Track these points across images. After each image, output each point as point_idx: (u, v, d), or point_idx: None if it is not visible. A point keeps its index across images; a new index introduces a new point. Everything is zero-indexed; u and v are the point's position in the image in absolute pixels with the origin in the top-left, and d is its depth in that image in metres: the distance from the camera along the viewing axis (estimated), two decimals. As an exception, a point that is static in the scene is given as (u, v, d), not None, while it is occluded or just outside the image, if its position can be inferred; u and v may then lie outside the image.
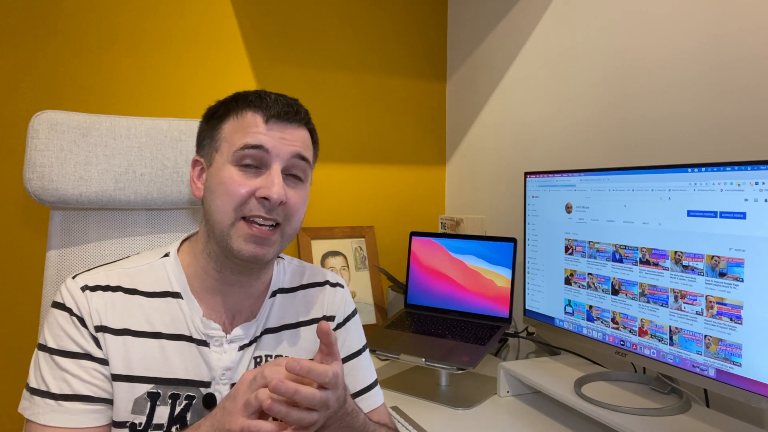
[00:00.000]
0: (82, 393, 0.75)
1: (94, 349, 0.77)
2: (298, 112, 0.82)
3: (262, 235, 0.77)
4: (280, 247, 0.81)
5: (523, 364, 1.28)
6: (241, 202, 0.77)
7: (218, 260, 0.82)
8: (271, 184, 0.76)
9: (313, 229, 1.84)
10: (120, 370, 0.77)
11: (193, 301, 0.83)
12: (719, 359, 0.91)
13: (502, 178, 1.78)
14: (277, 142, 0.79)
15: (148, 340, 0.79)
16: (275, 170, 0.78)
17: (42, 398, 0.75)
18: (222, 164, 0.79)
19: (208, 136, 0.84)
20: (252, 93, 0.83)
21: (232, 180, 0.77)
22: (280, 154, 0.79)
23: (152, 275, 0.83)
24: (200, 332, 0.81)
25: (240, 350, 0.83)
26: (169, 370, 0.79)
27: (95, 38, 1.56)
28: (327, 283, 0.97)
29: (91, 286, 0.79)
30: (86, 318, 0.77)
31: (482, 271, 1.47)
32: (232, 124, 0.81)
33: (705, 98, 1.13)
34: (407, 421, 1.15)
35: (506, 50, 1.73)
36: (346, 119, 1.91)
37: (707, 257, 0.93)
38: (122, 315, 0.79)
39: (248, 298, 0.87)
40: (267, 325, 0.88)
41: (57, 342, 0.76)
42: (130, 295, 0.81)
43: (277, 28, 1.79)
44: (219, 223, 0.78)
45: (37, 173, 0.97)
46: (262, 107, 0.80)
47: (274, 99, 0.81)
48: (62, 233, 1.03)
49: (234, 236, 0.77)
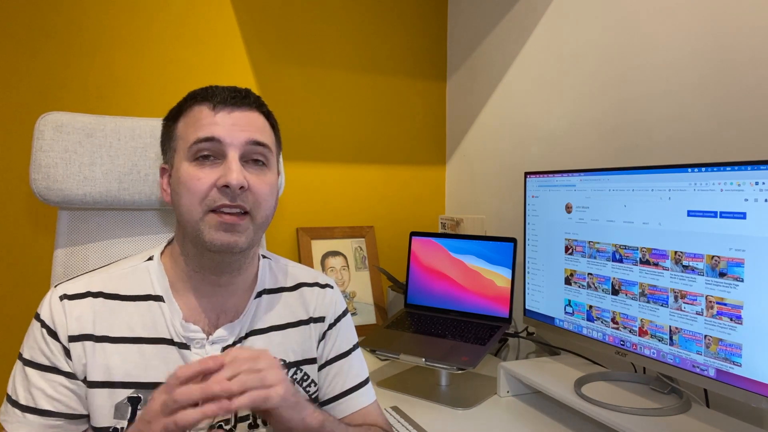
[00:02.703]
0: (42, 407, 0.76)
1: (62, 363, 0.77)
2: (246, 96, 0.82)
3: (231, 221, 0.77)
4: (253, 235, 0.80)
5: (523, 364, 1.29)
6: (203, 196, 0.77)
7: (195, 259, 0.82)
8: (229, 171, 0.76)
9: (313, 229, 1.84)
10: (99, 377, 0.77)
11: (174, 304, 0.82)
12: (719, 359, 0.92)
13: (502, 178, 1.78)
14: (229, 130, 0.78)
15: (128, 346, 0.79)
16: (232, 157, 0.77)
17: (12, 407, 0.76)
18: (180, 163, 0.79)
19: (166, 140, 0.85)
20: (200, 88, 0.83)
21: (190, 176, 0.77)
22: (233, 141, 0.78)
23: (135, 279, 0.83)
24: (180, 335, 0.81)
25: (223, 351, 0.83)
26: (149, 375, 0.79)
27: (96, 39, 1.56)
28: (316, 284, 0.96)
29: (71, 295, 0.79)
30: (59, 330, 0.77)
31: (482, 271, 1.47)
32: (184, 122, 0.81)
33: (705, 98, 1.13)
34: (407, 421, 1.15)
35: (506, 50, 1.74)
36: (346, 119, 1.91)
37: (707, 257, 0.94)
38: (102, 321, 0.79)
39: (232, 296, 0.86)
40: (253, 326, 0.87)
41: (30, 353, 0.78)
42: (112, 300, 0.81)
43: (277, 28, 1.79)
44: (189, 221, 0.78)
45: (43, 173, 0.98)
46: (207, 97, 0.80)
47: (221, 88, 0.81)
48: (69, 232, 1.04)
49: (204, 229, 0.77)
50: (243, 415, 0.84)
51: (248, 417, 0.85)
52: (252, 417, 0.85)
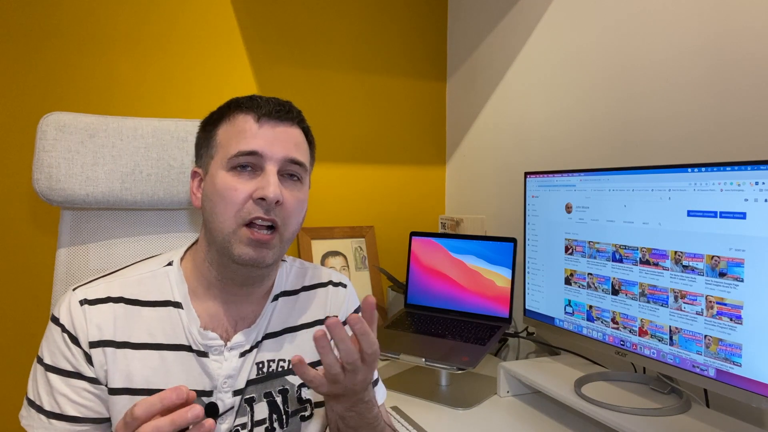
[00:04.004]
0: (69, 414, 0.76)
1: (84, 368, 0.77)
2: (290, 111, 0.83)
3: (262, 239, 0.77)
4: (280, 251, 0.81)
5: (523, 364, 1.29)
6: (239, 207, 0.77)
7: (220, 268, 0.82)
8: (267, 184, 0.77)
9: (313, 229, 1.84)
10: (120, 384, 0.77)
11: (192, 312, 0.82)
12: (719, 359, 0.92)
13: (502, 178, 1.78)
14: (270, 144, 0.79)
15: (149, 352, 0.79)
16: (270, 171, 0.78)
17: (37, 413, 0.76)
18: (217, 171, 0.80)
19: (204, 145, 0.85)
20: (244, 97, 0.83)
21: (228, 186, 0.77)
22: (273, 156, 0.79)
23: (155, 284, 0.83)
24: (198, 343, 0.81)
25: (241, 357, 0.83)
26: (170, 381, 0.79)
27: (97, 40, 1.56)
28: (330, 283, 0.97)
29: (91, 300, 0.79)
30: (80, 335, 0.77)
31: (482, 271, 1.47)
32: (225, 129, 0.81)
33: (705, 98, 1.13)
34: (407, 421, 1.15)
35: (506, 50, 1.74)
36: (346, 119, 1.91)
37: (707, 257, 0.94)
38: (123, 327, 0.79)
39: (251, 303, 0.87)
40: (268, 330, 0.87)
41: (51, 358, 0.77)
42: (132, 306, 0.81)
43: (277, 28, 1.79)
44: (220, 231, 0.78)
45: (45, 173, 0.98)
46: (253, 107, 0.81)
47: (266, 100, 0.82)
48: (72, 232, 1.04)
49: (235, 242, 0.77)
50: (259, 419, 0.84)
51: (265, 421, 0.85)
52: (269, 421, 0.85)
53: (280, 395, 0.86)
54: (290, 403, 0.87)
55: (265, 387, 0.85)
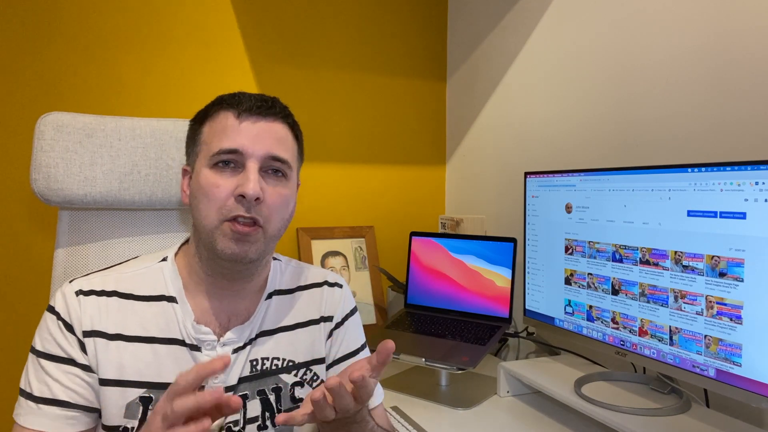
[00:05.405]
0: (60, 398, 0.76)
1: (78, 355, 0.77)
2: (272, 106, 0.82)
3: (243, 231, 0.77)
4: (264, 246, 0.81)
5: (523, 364, 1.29)
6: (221, 204, 0.77)
7: (208, 263, 0.83)
8: (246, 181, 0.76)
9: (313, 229, 1.84)
10: (111, 375, 0.78)
11: (186, 305, 0.83)
12: (719, 359, 0.92)
13: (502, 178, 1.78)
14: (251, 141, 0.78)
15: (142, 345, 0.80)
16: (250, 168, 0.78)
17: (25, 400, 0.76)
18: (201, 168, 0.80)
19: (191, 143, 0.85)
20: (228, 94, 0.83)
21: (210, 183, 0.78)
22: (254, 153, 0.78)
23: (150, 279, 0.84)
24: (191, 337, 0.81)
25: (234, 353, 0.83)
26: (161, 375, 0.79)
27: (97, 40, 1.56)
28: (325, 283, 0.97)
29: (86, 291, 0.80)
30: (75, 323, 0.78)
31: (482, 271, 1.47)
32: (209, 126, 0.82)
33: (705, 98, 1.13)
34: (407, 421, 1.15)
35: (506, 50, 1.74)
36: (346, 119, 1.91)
37: (707, 257, 0.94)
38: (116, 320, 0.80)
39: (243, 299, 0.87)
40: (262, 327, 0.87)
41: (43, 345, 0.78)
42: (126, 300, 0.81)
43: (277, 28, 1.79)
44: (205, 227, 0.79)
45: (43, 174, 0.98)
46: (234, 104, 0.81)
47: (248, 96, 0.82)
48: (70, 232, 1.04)
49: (218, 237, 0.78)
50: (252, 416, 0.84)
51: (257, 419, 0.85)
52: (261, 418, 0.85)
53: (274, 393, 0.86)
54: (283, 401, 0.87)
55: (258, 385, 0.85)
